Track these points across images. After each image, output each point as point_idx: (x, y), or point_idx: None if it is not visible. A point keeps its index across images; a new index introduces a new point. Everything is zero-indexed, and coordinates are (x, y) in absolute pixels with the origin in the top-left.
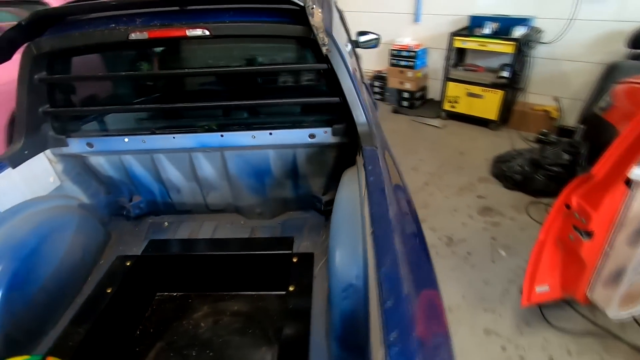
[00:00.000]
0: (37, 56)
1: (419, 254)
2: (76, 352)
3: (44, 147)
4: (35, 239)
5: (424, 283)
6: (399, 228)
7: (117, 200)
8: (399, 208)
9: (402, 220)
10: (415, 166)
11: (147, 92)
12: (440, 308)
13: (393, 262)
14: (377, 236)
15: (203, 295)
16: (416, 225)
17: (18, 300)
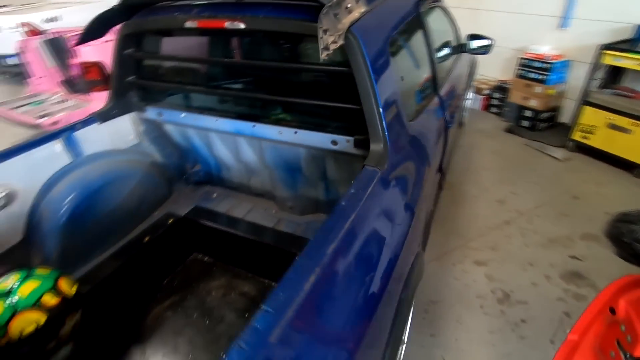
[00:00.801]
0: (125, 35)
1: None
2: (103, 282)
3: (129, 110)
4: (101, 181)
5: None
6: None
7: (183, 165)
8: (357, 252)
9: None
10: (503, 199)
11: (206, 75)
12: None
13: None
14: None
15: (225, 268)
16: (380, 285)
17: (76, 226)
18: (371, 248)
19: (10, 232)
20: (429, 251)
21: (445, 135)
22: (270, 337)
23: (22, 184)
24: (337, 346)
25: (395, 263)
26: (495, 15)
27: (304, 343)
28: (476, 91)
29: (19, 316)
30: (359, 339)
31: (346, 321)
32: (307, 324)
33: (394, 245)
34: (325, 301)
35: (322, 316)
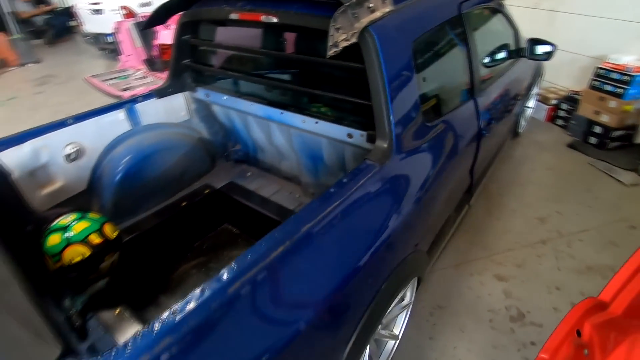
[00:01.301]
0: (183, 23)
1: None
2: (142, 234)
3: (183, 89)
4: (153, 149)
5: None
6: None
7: (225, 143)
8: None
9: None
10: (544, 217)
11: (245, 63)
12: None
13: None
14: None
15: (249, 241)
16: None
17: (127, 184)
18: (348, 233)
19: (77, 181)
20: (447, 257)
21: (477, 142)
22: (229, 289)
23: (91, 143)
24: (293, 308)
25: (374, 253)
26: (574, 18)
27: (260, 299)
28: (541, 100)
29: (70, 247)
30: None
31: (306, 289)
32: (267, 282)
33: (376, 237)
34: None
35: (283, 279)
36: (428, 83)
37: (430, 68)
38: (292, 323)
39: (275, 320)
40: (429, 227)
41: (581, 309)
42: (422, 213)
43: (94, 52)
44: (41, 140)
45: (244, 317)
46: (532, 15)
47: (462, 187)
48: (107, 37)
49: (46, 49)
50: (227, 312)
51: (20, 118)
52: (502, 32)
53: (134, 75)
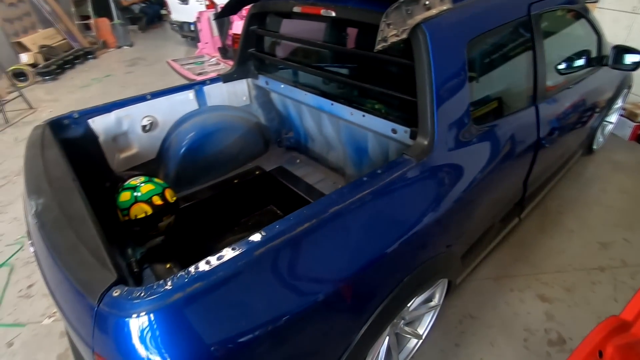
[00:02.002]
0: (252, 14)
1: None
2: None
3: (246, 76)
4: (214, 128)
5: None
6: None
7: (280, 130)
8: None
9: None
10: (609, 242)
11: (301, 54)
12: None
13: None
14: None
15: None
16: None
17: (190, 157)
18: (375, 221)
19: (149, 150)
20: (486, 268)
21: (534, 153)
22: (255, 251)
23: (163, 118)
24: (314, 280)
25: (400, 244)
26: None
27: (283, 266)
28: (626, 116)
29: (137, 205)
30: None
31: (329, 265)
32: (292, 253)
33: (403, 229)
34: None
35: (307, 253)
36: (482, 85)
37: (486, 69)
38: (311, 293)
39: (295, 287)
40: (466, 231)
41: (604, 329)
42: (459, 215)
43: (179, 38)
44: (124, 111)
45: (266, 278)
46: (629, 21)
47: (511, 197)
48: (190, 25)
49: (139, 34)
50: (252, 271)
51: (112, 93)
52: (582, 37)
53: (208, 61)
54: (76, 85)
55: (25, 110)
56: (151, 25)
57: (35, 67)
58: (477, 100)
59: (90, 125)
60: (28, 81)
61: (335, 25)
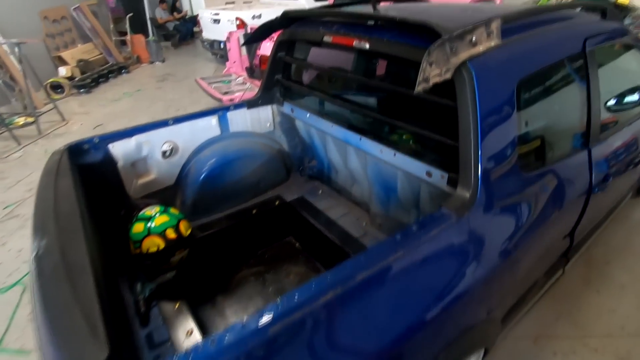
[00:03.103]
0: (280, 41)
1: None
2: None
3: (271, 102)
4: (236, 155)
5: None
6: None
7: (302, 158)
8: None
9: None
10: None
11: (330, 85)
12: None
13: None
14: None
15: (309, 259)
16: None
17: (209, 185)
18: (407, 289)
19: (168, 176)
20: (525, 325)
21: (585, 200)
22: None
23: (183, 144)
24: (345, 353)
25: (434, 315)
26: None
27: (314, 334)
28: None
29: (149, 238)
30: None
31: (358, 337)
32: (325, 320)
33: (440, 298)
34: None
35: (339, 321)
36: (531, 128)
37: (537, 111)
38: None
39: None
40: (508, 293)
41: None
42: (501, 277)
43: (209, 55)
44: (145, 136)
45: (295, 350)
46: None
47: (557, 250)
48: (221, 43)
49: (171, 50)
50: (281, 341)
51: (141, 107)
52: (636, 72)
53: (235, 80)
54: (108, 99)
55: (58, 122)
56: (183, 42)
57: (72, 80)
58: (525, 146)
59: (110, 150)
60: (64, 93)
61: (368, 56)
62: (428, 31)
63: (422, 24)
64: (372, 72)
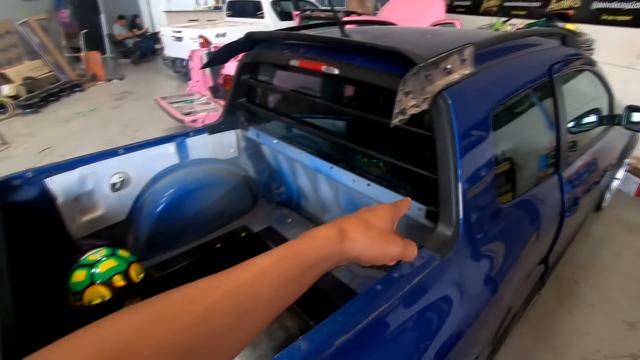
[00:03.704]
0: (244, 63)
1: None
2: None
3: (235, 127)
4: (197, 184)
5: None
6: None
7: (270, 184)
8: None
9: None
10: (636, 322)
11: (298, 110)
12: None
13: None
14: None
15: None
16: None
17: (166, 218)
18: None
19: (118, 211)
20: (504, 354)
21: (559, 224)
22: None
23: (136, 174)
24: None
25: None
26: None
27: None
28: (631, 171)
29: (92, 287)
30: None
31: None
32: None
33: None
34: None
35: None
36: (506, 157)
37: (510, 139)
38: None
39: None
40: (493, 332)
41: None
42: (485, 321)
43: (170, 73)
44: (90, 168)
45: None
46: (626, 75)
47: (534, 277)
48: (183, 61)
49: (131, 68)
50: None
51: (95, 128)
52: (594, 96)
53: (198, 100)
54: (58, 119)
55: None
56: (144, 59)
57: (17, 99)
58: (504, 177)
59: (47, 185)
60: (7, 114)
61: (338, 83)
62: (400, 58)
63: (394, 50)
64: (343, 96)
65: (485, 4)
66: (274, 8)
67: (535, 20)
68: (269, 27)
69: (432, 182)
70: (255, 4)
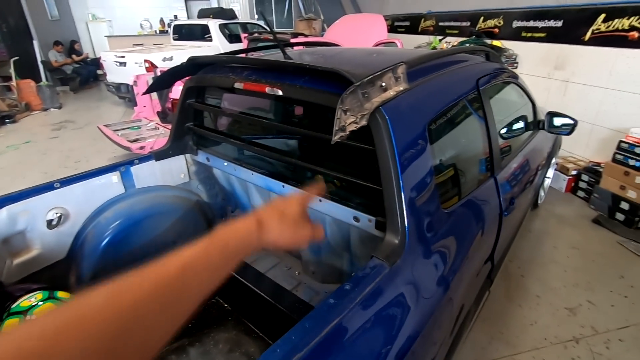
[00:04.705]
0: (189, 87)
1: None
2: None
3: (184, 151)
4: (145, 213)
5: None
6: None
7: (224, 207)
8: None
9: None
10: (575, 307)
11: (246, 131)
12: None
13: None
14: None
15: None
16: None
17: (112, 252)
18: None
19: (56, 249)
20: (463, 353)
21: (499, 223)
22: None
23: (76, 208)
24: None
25: None
26: (589, 90)
27: None
28: (560, 169)
29: None
30: None
31: None
32: None
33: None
34: None
35: None
36: (445, 166)
37: (447, 149)
38: None
39: None
40: (448, 332)
41: None
42: (440, 321)
43: (115, 99)
44: (22, 205)
45: None
46: (546, 84)
47: (483, 275)
48: (128, 86)
49: (71, 95)
50: None
51: (31, 162)
52: (520, 104)
53: (146, 126)
54: None
55: None
56: (85, 86)
57: None
58: (443, 184)
59: None
60: None
61: (283, 103)
62: (339, 78)
63: (332, 71)
64: (290, 115)
65: (422, 24)
66: (222, 31)
67: (466, 37)
68: (218, 49)
69: (379, 193)
70: (202, 27)
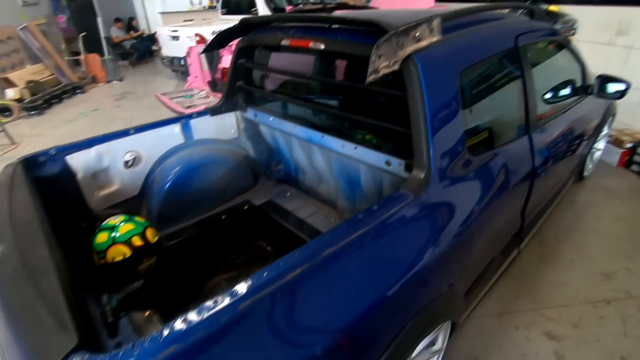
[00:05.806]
0: (240, 48)
1: None
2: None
3: (235, 109)
4: (201, 162)
5: None
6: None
7: (269, 162)
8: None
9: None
10: (611, 273)
11: (291, 87)
12: None
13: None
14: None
15: None
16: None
17: (174, 193)
18: (372, 263)
19: (131, 186)
20: (488, 304)
21: (531, 182)
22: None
23: (147, 152)
24: (309, 332)
25: (400, 287)
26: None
27: (274, 318)
28: (613, 142)
29: (114, 247)
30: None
31: (325, 314)
32: (283, 302)
33: (403, 270)
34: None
35: (301, 302)
36: (476, 115)
37: (479, 100)
38: (307, 347)
39: (289, 341)
40: (468, 268)
41: None
42: (459, 251)
43: (169, 73)
44: (106, 147)
45: (255, 335)
46: (606, 52)
47: (511, 228)
48: (180, 60)
49: (130, 69)
50: (238, 328)
51: (99, 127)
52: (567, 68)
53: (198, 94)
54: (62, 120)
55: (8, 146)
56: (142, 61)
57: (21, 102)
58: (471, 131)
59: (68, 162)
60: (13, 116)
61: (325, 58)
62: (376, 29)
63: (369, 22)
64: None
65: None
66: (268, 4)
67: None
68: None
69: (409, 137)
70: (249, 0)
